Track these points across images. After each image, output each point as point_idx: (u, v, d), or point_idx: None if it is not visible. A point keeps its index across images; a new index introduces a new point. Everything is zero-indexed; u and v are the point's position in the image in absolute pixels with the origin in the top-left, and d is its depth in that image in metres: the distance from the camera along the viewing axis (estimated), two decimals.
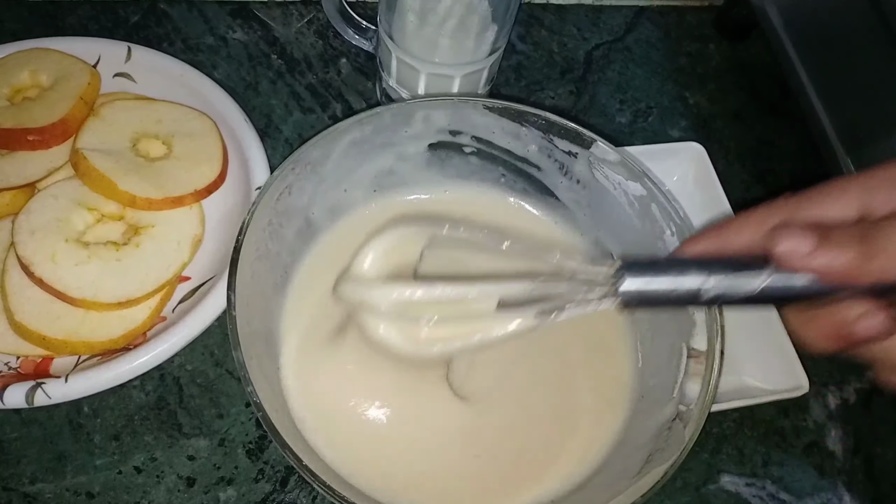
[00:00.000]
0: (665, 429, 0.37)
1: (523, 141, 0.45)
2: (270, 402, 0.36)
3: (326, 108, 0.56)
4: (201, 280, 0.46)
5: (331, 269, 0.45)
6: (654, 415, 0.39)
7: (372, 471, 0.40)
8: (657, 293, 0.30)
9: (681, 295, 0.29)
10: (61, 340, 0.42)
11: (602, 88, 0.60)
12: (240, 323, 0.35)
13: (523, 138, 0.44)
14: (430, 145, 0.46)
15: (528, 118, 0.43)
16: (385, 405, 0.42)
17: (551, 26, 0.63)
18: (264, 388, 0.36)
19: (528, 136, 0.44)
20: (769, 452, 0.47)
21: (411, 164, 0.47)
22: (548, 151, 0.44)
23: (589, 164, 0.43)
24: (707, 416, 0.35)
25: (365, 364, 0.43)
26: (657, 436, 0.38)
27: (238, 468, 0.43)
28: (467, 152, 0.47)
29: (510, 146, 0.45)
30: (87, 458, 0.42)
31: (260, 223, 0.39)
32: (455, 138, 0.46)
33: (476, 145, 0.46)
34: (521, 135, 0.44)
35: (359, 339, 0.43)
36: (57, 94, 0.48)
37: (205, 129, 0.49)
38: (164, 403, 0.44)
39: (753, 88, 0.62)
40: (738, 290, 0.29)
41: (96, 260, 0.43)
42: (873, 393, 0.50)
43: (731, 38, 0.65)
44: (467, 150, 0.46)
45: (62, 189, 0.45)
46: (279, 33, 0.59)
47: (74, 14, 0.58)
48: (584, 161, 0.43)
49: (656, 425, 0.38)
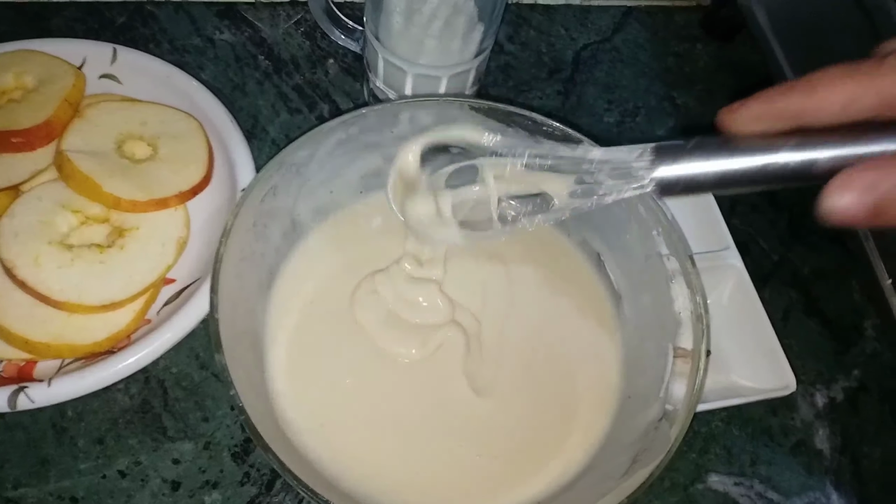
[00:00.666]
0: (652, 429, 0.37)
1: None
2: (254, 405, 0.35)
3: (314, 109, 0.56)
4: (186, 282, 0.46)
5: (318, 268, 0.45)
6: (640, 415, 0.39)
7: (362, 469, 0.40)
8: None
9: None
10: (44, 344, 0.41)
11: (590, 89, 0.60)
12: (223, 325, 0.35)
13: (510, 138, 0.44)
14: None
15: (515, 118, 0.43)
16: (377, 404, 0.42)
17: (539, 26, 0.63)
18: (248, 390, 0.36)
19: (514, 136, 0.44)
20: (757, 452, 0.47)
21: None
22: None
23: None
24: (694, 416, 0.35)
25: (356, 362, 0.43)
26: (644, 436, 0.38)
27: (223, 471, 0.43)
28: (454, 153, 0.46)
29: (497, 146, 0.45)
30: (70, 463, 0.42)
31: (244, 224, 0.39)
32: None
33: (462, 145, 0.46)
34: (507, 135, 0.44)
35: (352, 337, 0.43)
36: (41, 96, 0.47)
37: (190, 130, 0.49)
38: (148, 407, 0.44)
39: (741, 89, 0.62)
40: None
41: (80, 262, 0.43)
42: (861, 392, 0.50)
43: (719, 39, 0.65)
44: (454, 151, 0.46)
45: (46, 191, 0.45)
46: (266, 34, 0.59)
47: (60, 15, 0.57)
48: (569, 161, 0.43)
49: (643, 425, 0.38)
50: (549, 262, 0.47)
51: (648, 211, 0.41)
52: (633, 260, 0.43)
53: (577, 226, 0.46)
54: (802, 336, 0.51)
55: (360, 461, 0.40)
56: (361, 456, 0.40)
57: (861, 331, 0.52)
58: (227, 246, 0.37)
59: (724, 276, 0.49)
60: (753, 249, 0.54)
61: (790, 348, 0.49)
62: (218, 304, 0.35)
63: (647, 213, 0.41)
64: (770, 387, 0.45)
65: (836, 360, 0.51)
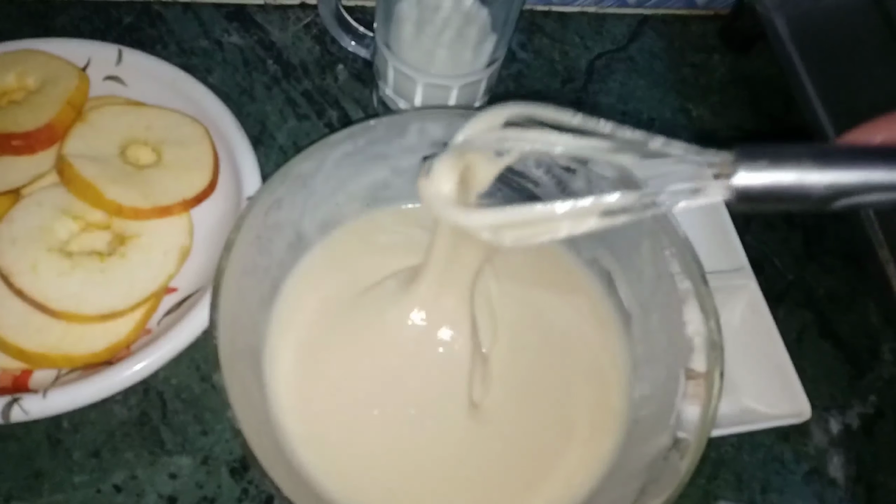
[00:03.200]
0: (661, 458, 0.36)
1: None
2: (252, 425, 0.35)
3: (322, 116, 0.55)
4: (188, 292, 0.45)
5: (322, 283, 0.44)
6: (649, 442, 0.38)
7: (361, 485, 0.39)
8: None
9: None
10: (41, 354, 0.40)
11: (603, 99, 0.59)
12: (222, 343, 0.34)
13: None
14: (426, 158, 0.45)
15: None
16: (379, 421, 0.41)
17: (553, 34, 0.62)
18: (246, 409, 0.35)
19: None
20: (768, 479, 0.46)
21: (406, 177, 0.45)
22: (546, 167, 0.43)
23: (588, 181, 0.42)
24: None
25: (359, 379, 0.42)
26: (651, 465, 0.36)
27: (221, 487, 0.42)
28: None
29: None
30: (65, 476, 0.41)
31: (247, 238, 0.38)
32: None
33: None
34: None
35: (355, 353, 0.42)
36: (44, 98, 0.47)
37: (196, 136, 0.48)
38: (146, 419, 0.43)
39: (757, 101, 0.61)
40: None
41: (80, 270, 0.42)
42: (877, 418, 0.48)
43: (737, 49, 0.63)
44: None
45: (47, 196, 0.44)
46: (276, 37, 0.58)
47: (66, 14, 0.56)
48: (582, 177, 0.42)
49: (651, 454, 0.37)
50: (557, 280, 0.45)
51: (661, 228, 0.39)
52: (645, 280, 0.42)
53: (587, 244, 0.45)
54: (817, 359, 0.50)
55: (359, 478, 0.39)
56: (361, 473, 0.39)
57: (878, 354, 0.51)
58: (228, 261, 0.36)
59: (737, 296, 0.48)
60: (767, 268, 0.53)
61: (804, 371, 0.48)
62: (218, 322, 0.34)
63: (660, 230, 0.39)
64: (783, 412, 0.44)
65: (851, 385, 0.49)
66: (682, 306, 0.39)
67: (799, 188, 0.25)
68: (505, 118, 0.33)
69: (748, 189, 0.25)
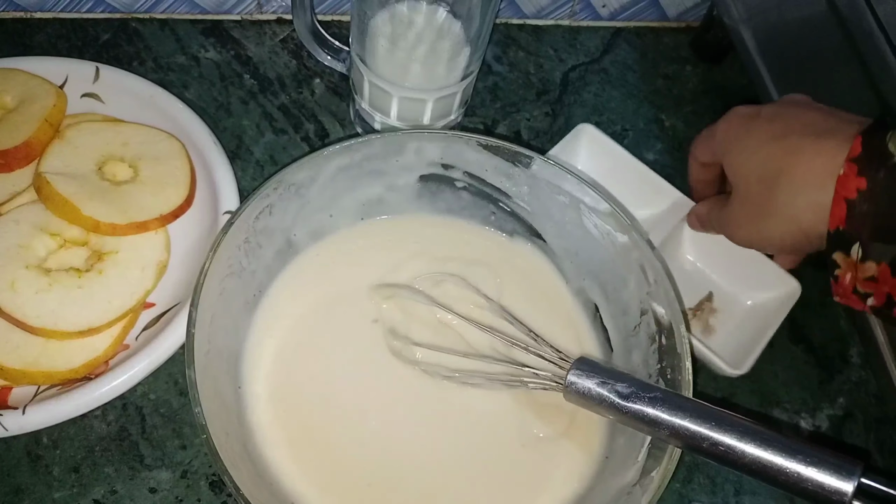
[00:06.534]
0: (624, 493, 0.37)
1: (516, 181, 0.44)
2: (223, 426, 0.35)
3: (299, 130, 0.56)
4: (166, 307, 0.45)
5: (308, 290, 0.45)
6: (616, 477, 0.39)
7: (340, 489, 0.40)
8: (589, 391, 0.37)
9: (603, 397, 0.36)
10: (19, 370, 0.41)
11: (578, 110, 0.60)
12: (199, 339, 0.35)
13: (516, 178, 0.44)
14: (422, 177, 0.46)
15: (522, 159, 0.43)
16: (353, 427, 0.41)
17: (528, 47, 0.63)
18: (217, 409, 0.36)
19: (520, 176, 0.44)
20: (741, 481, 0.46)
21: (401, 194, 0.46)
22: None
23: (579, 212, 0.43)
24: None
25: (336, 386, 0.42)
26: (615, 500, 0.37)
27: (201, 501, 0.42)
28: (459, 187, 0.46)
29: (502, 185, 0.45)
30: (45, 492, 0.41)
31: (234, 240, 0.39)
32: (447, 172, 0.45)
33: (468, 181, 0.46)
34: (513, 174, 0.44)
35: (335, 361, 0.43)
36: (21, 116, 0.47)
37: (173, 151, 0.49)
38: (125, 434, 0.43)
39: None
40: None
41: (58, 287, 0.42)
42: (846, 420, 0.49)
43: (708, 61, 0.65)
44: (459, 185, 0.46)
45: (24, 214, 0.45)
46: (252, 52, 0.58)
47: (43, 32, 0.57)
48: (574, 208, 0.43)
49: (616, 488, 0.38)
50: (547, 309, 0.46)
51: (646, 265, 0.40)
52: (629, 315, 0.43)
53: (576, 272, 0.46)
54: (788, 363, 0.51)
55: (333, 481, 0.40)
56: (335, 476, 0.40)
57: (847, 358, 0.52)
58: (212, 261, 0.37)
59: None
60: None
61: (775, 375, 0.49)
62: (196, 319, 0.35)
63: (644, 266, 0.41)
64: None
65: (821, 388, 0.50)
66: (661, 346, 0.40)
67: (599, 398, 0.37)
68: None
69: (573, 383, 0.37)
